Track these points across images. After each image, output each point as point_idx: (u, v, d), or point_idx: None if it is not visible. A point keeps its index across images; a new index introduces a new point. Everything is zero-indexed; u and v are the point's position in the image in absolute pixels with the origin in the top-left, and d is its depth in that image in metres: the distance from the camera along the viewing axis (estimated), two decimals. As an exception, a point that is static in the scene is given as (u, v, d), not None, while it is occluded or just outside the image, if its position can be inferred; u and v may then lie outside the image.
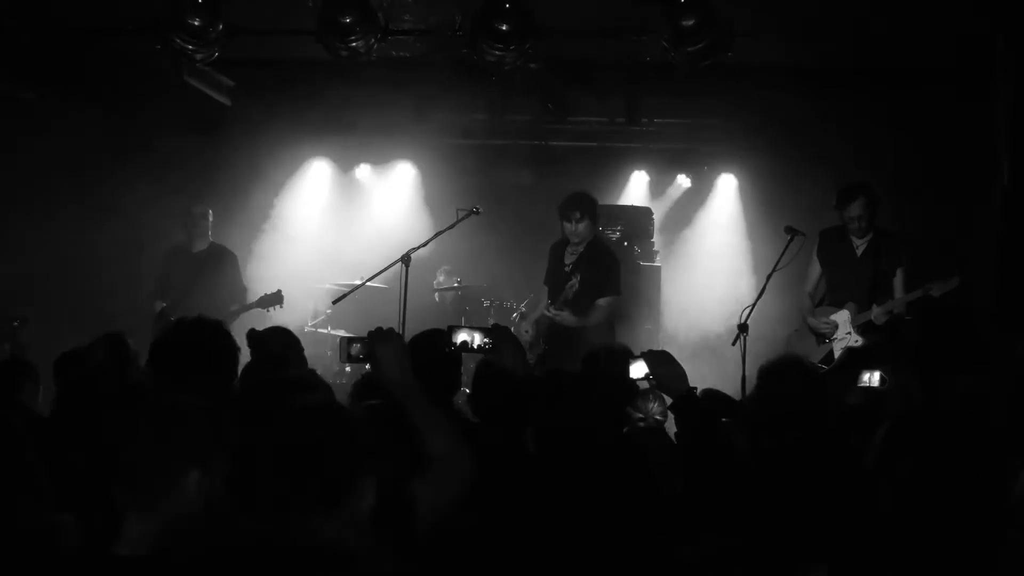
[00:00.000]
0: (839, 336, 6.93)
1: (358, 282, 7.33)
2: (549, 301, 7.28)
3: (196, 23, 6.77)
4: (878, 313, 6.74)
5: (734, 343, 6.28)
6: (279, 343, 4.62)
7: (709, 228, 10.01)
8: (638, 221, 9.26)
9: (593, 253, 7.20)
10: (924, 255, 7.15)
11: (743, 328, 6.26)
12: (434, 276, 9.33)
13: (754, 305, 6.44)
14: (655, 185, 10.20)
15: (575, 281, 7.03)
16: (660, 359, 3.76)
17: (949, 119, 7.84)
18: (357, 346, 3.47)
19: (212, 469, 2.52)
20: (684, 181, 10.18)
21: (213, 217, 8.31)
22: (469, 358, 4.49)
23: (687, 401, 3.63)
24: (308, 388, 3.44)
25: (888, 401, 4.12)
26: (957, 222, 7.83)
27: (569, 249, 7.27)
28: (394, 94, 8.76)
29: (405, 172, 10.39)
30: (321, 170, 10.45)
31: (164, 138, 8.76)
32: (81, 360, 4.56)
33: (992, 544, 2.75)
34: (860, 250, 6.96)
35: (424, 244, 7.07)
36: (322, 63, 7.47)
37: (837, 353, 6.84)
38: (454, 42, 7.15)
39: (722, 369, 7.15)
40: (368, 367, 6.69)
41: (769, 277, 6.57)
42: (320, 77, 8.53)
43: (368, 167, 10.48)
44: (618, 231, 9.06)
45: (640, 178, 10.19)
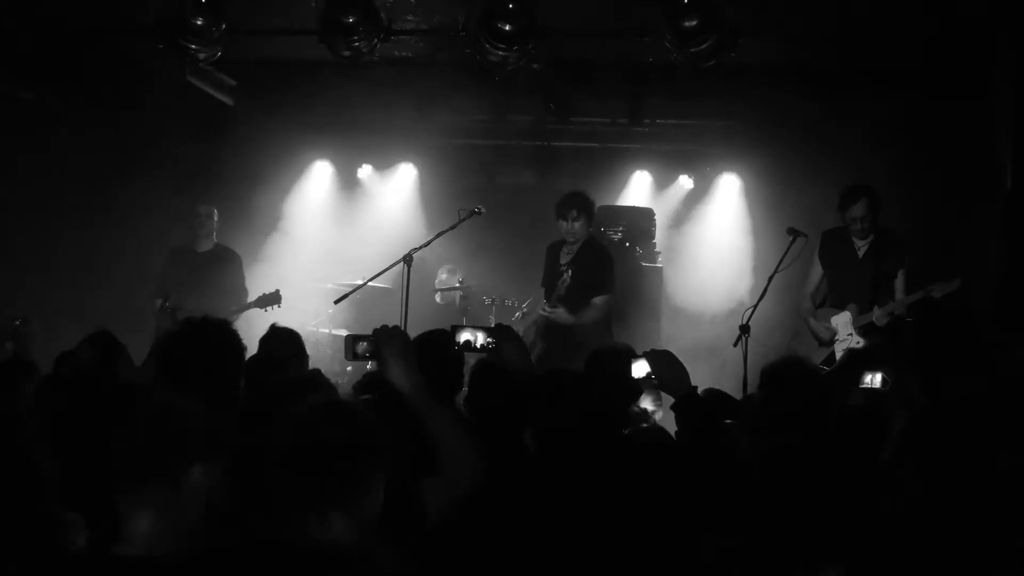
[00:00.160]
0: (841, 337, 6.94)
1: (360, 282, 7.33)
2: (544, 300, 7.35)
3: (199, 22, 6.78)
4: (879, 315, 6.76)
5: (736, 344, 6.27)
6: (288, 344, 4.62)
7: (711, 229, 9.99)
8: (640, 222, 9.25)
9: (588, 252, 7.26)
10: (925, 256, 7.15)
11: (745, 329, 6.25)
12: (436, 276, 9.34)
13: (756, 306, 6.43)
14: (657, 185, 10.19)
15: (567, 276, 7.09)
16: (662, 359, 3.76)
17: (949, 119, 7.84)
18: (363, 345, 3.45)
19: (212, 467, 2.52)
20: (686, 182, 10.17)
21: (218, 217, 8.31)
22: (469, 358, 4.49)
23: (690, 401, 3.63)
24: (314, 387, 3.43)
25: (890, 402, 4.11)
26: (957, 222, 7.82)
27: (565, 249, 7.33)
28: (396, 94, 8.76)
29: (407, 172, 10.39)
30: (323, 170, 10.45)
31: (166, 138, 8.76)
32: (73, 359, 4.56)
33: (1003, 541, 2.75)
34: (862, 251, 6.97)
35: (426, 244, 7.07)
36: (324, 63, 7.48)
37: (839, 354, 6.84)
38: (457, 42, 7.16)
39: (723, 370, 7.14)
40: (370, 366, 6.73)
41: (771, 278, 6.57)
42: (322, 77, 8.53)
43: (370, 167, 10.48)
44: (620, 231, 9.05)
45: (642, 178, 10.18)
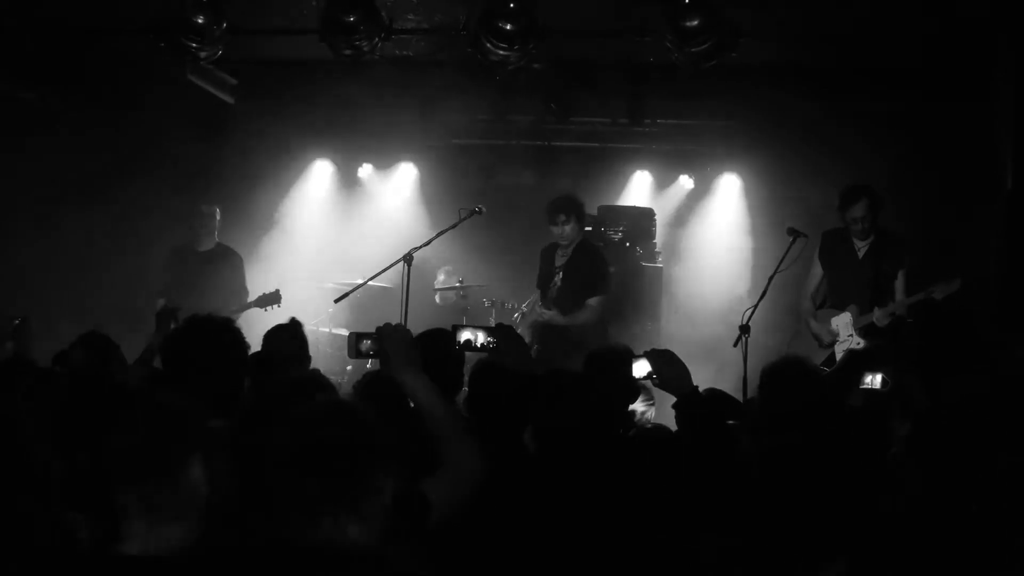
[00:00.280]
0: (841, 338, 6.93)
1: (360, 281, 7.33)
2: (539, 302, 7.41)
3: (199, 21, 6.78)
4: (880, 315, 6.75)
5: (736, 344, 6.26)
6: (289, 344, 4.62)
7: (711, 229, 9.99)
8: (640, 222, 9.26)
9: (581, 254, 7.31)
10: (925, 256, 7.15)
11: (745, 329, 6.24)
12: (435, 276, 9.33)
13: (756, 306, 6.42)
14: (657, 185, 10.18)
15: (557, 279, 7.18)
16: (663, 358, 3.76)
17: (949, 119, 7.83)
18: (367, 343, 3.43)
19: (212, 466, 2.53)
20: (686, 182, 10.16)
21: (220, 216, 8.30)
22: (471, 357, 4.49)
23: (691, 400, 3.62)
24: (313, 388, 3.42)
25: (890, 403, 4.11)
26: (957, 222, 7.82)
27: (559, 252, 7.39)
28: (397, 94, 8.76)
29: (408, 172, 10.38)
30: (324, 169, 10.43)
31: (166, 137, 8.73)
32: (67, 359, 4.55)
33: (1003, 541, 2.75)
34: (862, 252, 6.96)
35: (426, 243, 7.07)
36: (325, 62, 7.49)
37: (839, 355, 6.84)
38: (458, 42, 7.15)
39: (722, 370, 7.14)
40: (369, 365, 6.73)
41: (771, 278, 6.56)
42: (323, 76, 8.53)
43: (371, 167, 10.47)
44: (620, 231, 9.06)
45: (642, 178, 10.17)
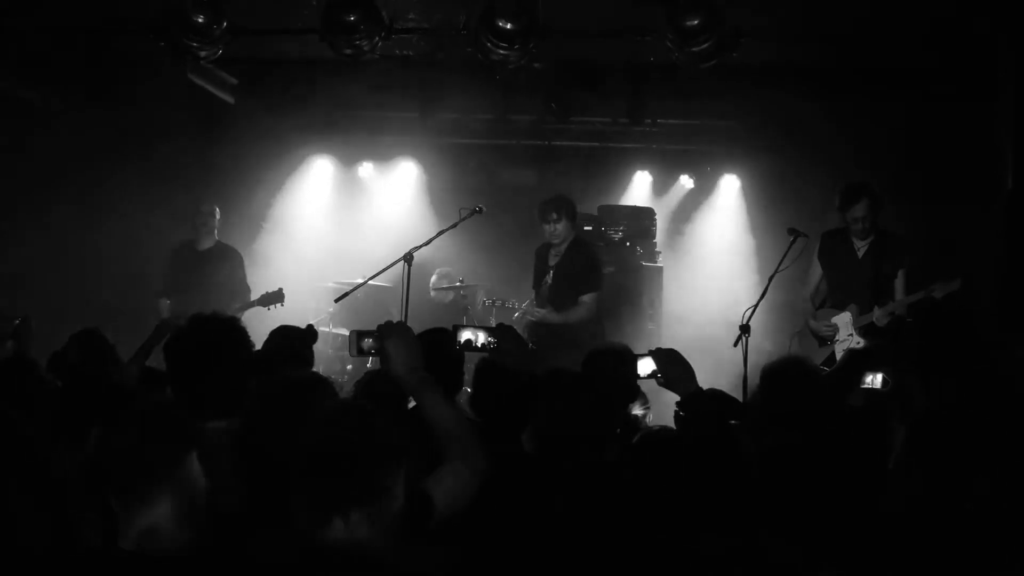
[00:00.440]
0: (841, 338, 6.93)
1: (360, 280, 7.32)
2: (534, 302, 7.50)
3: (200, 20, 6.77)
4: (879, 315, 6.75)
5: (736, 344, 6.25)
6: (291, 344, 4.63)
7: (712, 229, 10.01)
8: (641, 221, 9.27)
9: (574, 252, 7.40)
10: (925, 256, 7.14)
11: (745, 329, 6.24)
12: (431, 277, 9.35)
13: (756, 306, 6.40)
14: (658, 185, 10.20)
15: (548, 278, 7.31)
16: (668, 358, 3.74)
17: (949, 119, 7.83)
18: (369, 341, 3.41)
19: (212, 466, 2.55)
20: (687, 181, 10.18)
21: (220, 215, 8.30)
22: (472, 357, 4.49)
23: (695, 400, 3.61)
24: (318, 388, 3.40)
25: (891, 403, 4.11)
26: (958, 223, 7.81)
27: (552, 251, 7.48)
28: (398, 92, 8.76)
29: (408, 170, 10.39)
30: (324, 168, 10.45)
31: (167, 136, 8.74)
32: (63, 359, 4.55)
33: (1003, 542, 2.75)
34: (861, 252, 6.96)
35: (427, 243, 7.05)
36: (326, 61, 7.48)
37: (839, 355, 6.84)
38: (458, 41, 7.14)
39: (719, 369, 7.14)
40: (370, 364, 6.72)
41: (771, 278, 6.55)
42: (324, 75, 8.53)
43: (371, 165, 10.48)
44: (620, 231, 9.07)
45: (643, 178, 10.19)
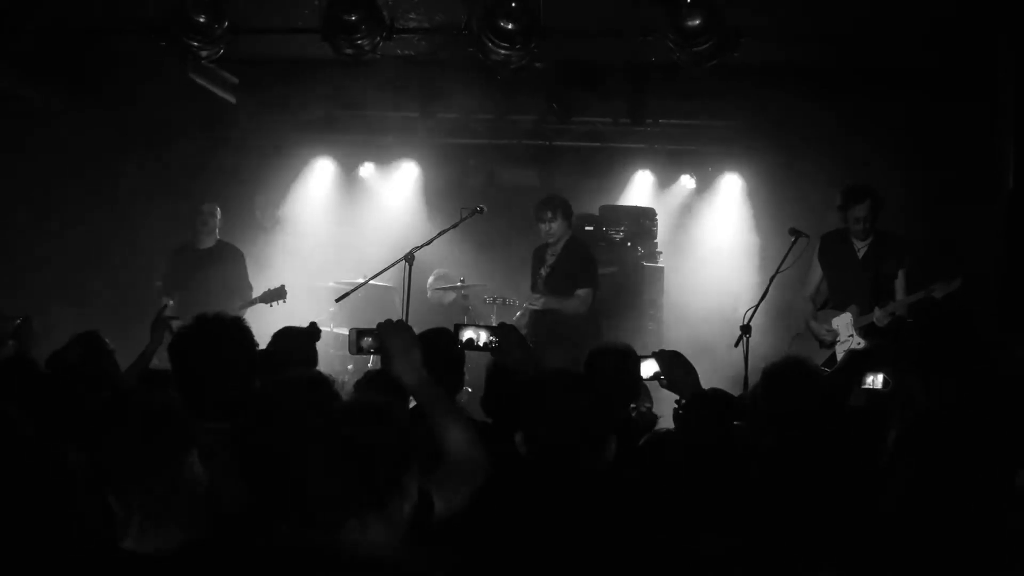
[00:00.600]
0: (842, 339, 6.93)
1: (361, 280, 7.33)
2: (536, 297, 7.59)
3: (201, 20, 6.78)
4: (880, 315, 6.75)
5: (737, 344, 6.26)
6: (293, 345, 4.64)
7: (713, 228, 10.01)
8: (642, 221, 9.28)
9: (570, 250, 7.51)
10: (925, 256, 7.14)
11: (746, 329, 6.24)
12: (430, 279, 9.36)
13: (757, 306, 6.41)
14: (659, 185, 10.20)
15: (542, 271, 7.52)
16: (671, 360, 3.74)
17: (949, 119, 7.82)
18: (368, 339, 3.42)
19: (213, 466, 2.57)
20: (688, 181, 10.18)
21: (221, 215, 8.30)
22: (472, 357, 4.48)
23: (699, 401, 3.59)
24: (319, 387, 3.39)
25: (891, 403, 4.10)
26: (958, 223, 7.81)
27: (549, 250, 7.58)
28: (399, 93, 8.77)
29: (409, 171, 10.40)
30: (325, 168, 10.45)
31: (168, 136, 8.75)
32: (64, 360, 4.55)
33: (997, 543, 2.74)
34: (861, 252, 6.96)
35: (428, 243, 7.07)
36: (327, 61, 7.48)
37: (840, 356, 6.83)
38: (459, 41, 7.15)
39: (723, 370, 7.14)
40: (371, 363, 6.72)
41: (772, 279, 6.56)
42: (325, 75, 8.53)
43: (372, 166, 10.48)
44: (622, 231, 9.08)
45: (644, 178, 10.19)
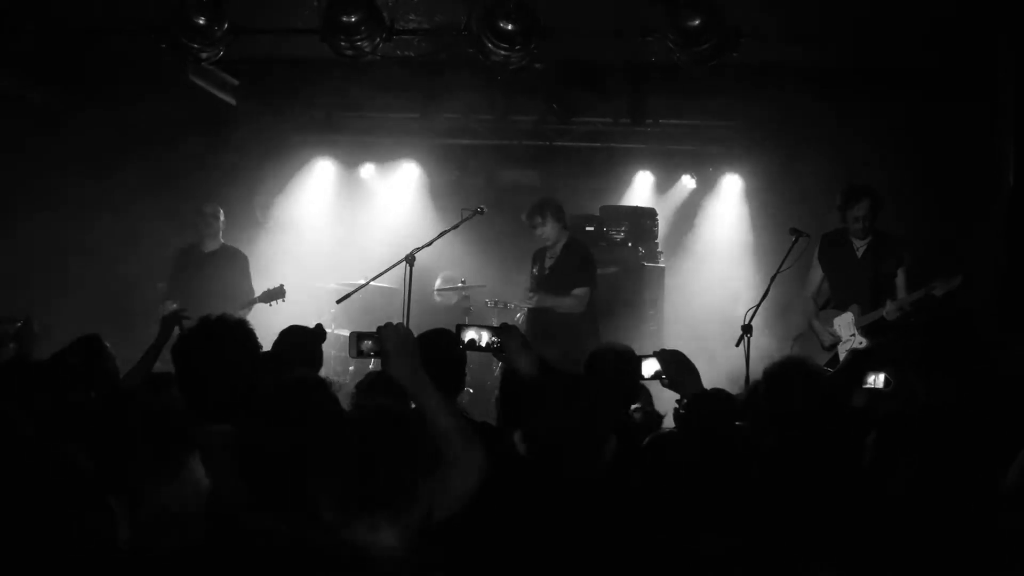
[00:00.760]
0: (843, 339, 6.92)
1: (362, 281, 7.32)
2: (530, 295, 7.66)
3: (201, 22, 6.78)
4: (891, 309, 6.71)
5: (738, 344, 6.26)
6: (295, 346, 4.64)
7: (713, 228, 10.01)
8: (642, 222, 9.28)
9: (568, 251, 7.59)
10: (925, 255, 7.13)
11: (747, 329, 6.24)
12: (435, 279, 9.35)
13: (758, 306, 6.41)
14: (660, 186, 10.20)
15: (535, 270, 7.64)
16: (673, 359, 3.72)
17: (949, 119, 7.82)
18: (368, 343, 3.42)
19: (215, 467, 2.62)
20: (689, 182, 10.18)
21: (224, 217, 8.28)
22: (473, 358, 4.48)
23: (700, 402, 3.58)
24: (315, 389, 3.39)
25: (892, 402, 4.10)
26: (958, 222, 7.81)
27: (548, 252, 7.66)
28: (399, 94, 8.77)
29: (409, 172, 10.40)
30: (325, 169, 10.46)
31: (168, 137, 8.74)
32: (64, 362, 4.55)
33: (989, 539, 2.74)
34: (860, 252, 6.96)
35: (428, 244, 7.06)
36: (327, 62, 7.48)
37: (841, 355, 6.82)
38: (459, 41, 7.15)
39: (724, 370, 7.13)
40: (372, 365, 6.72)
41: (773, 278, 6.56)
42: (325, 76, 8.53)
43: (372, 166, 10.48)
44: (622, 231, 9.09)
45: (645, 178, 10.19)
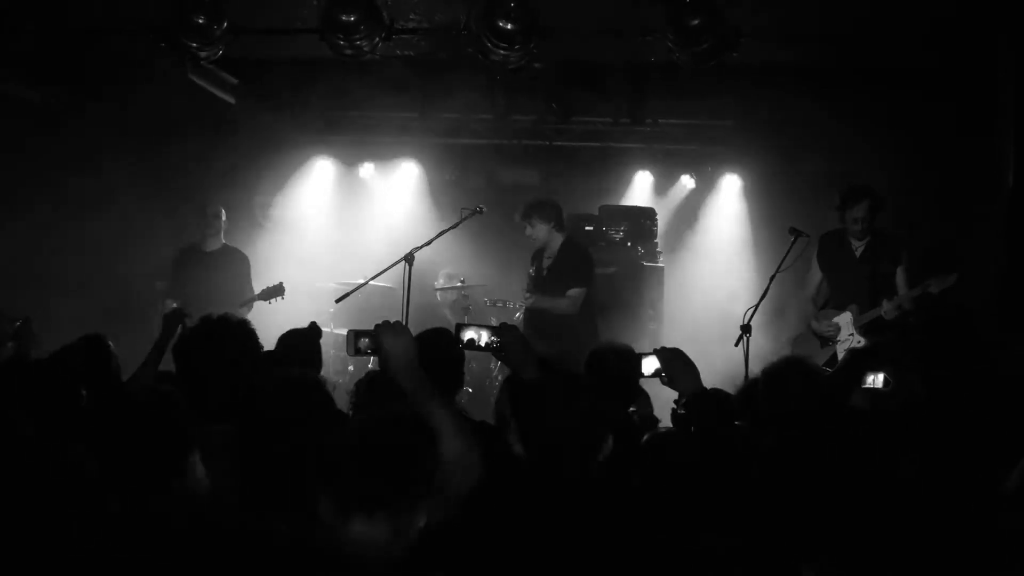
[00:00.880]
0: (842, 338, 6.93)
1: (361, 281, 7.32)
2: (527, 296, 7.71)
3: (200, 21, 6.78)
4: (888, 308, 6.72)
5: (737, 344, 6.26)
6: (296, 347, 4.65)
7: (713, 228, 10.01)
8: (642, 221, 9.28)
9: (565, 251, 7.62)
10: (925, 255, 7.14)
11: (746, 329, 6.24)
12: (435, 278, 9.35)
13: (757, 306, 6.42)
14: (659, 185, 10.20)
15: (532, 270, 7.67)
16: (672, 357, 3.71)
17: (949, 119, 7.81)
18: (365, 340, 3.43)
19: (214, 466, 2.68)
20: (688, 181, 10.18)
21: (226, 217, 8.26)
22: (472, 357, 4.48)
23: (699, 400, 3.57)
24: (310, 388, 3.39)
25: (891, 401, 4.10)
26: (958, 222, 7.81)
27: (546, 253, 7.67)
28: (398, 93, 8.76)
29: (409, 171, 10.40)
30: (325, 168, 10.45)
31: (167, 136, 8.75)
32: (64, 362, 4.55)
33: (989, 539, 2.74)
34: (859, 252, 6.97)
35: (427, 243, 7.06)
36: (326, 61, 7.48)
37: (840, 355, 6.83)
38: (458, 41, 7.15)
39: (723, 369, 7.13)
40: (371, 364, 6.72)
41: (772, 278, 6.56)
42: (324, 75, 8.54)
43: (372, 165, 10.48)
44: (622, 231, 9.09)
45: (644, 178, 10.19)
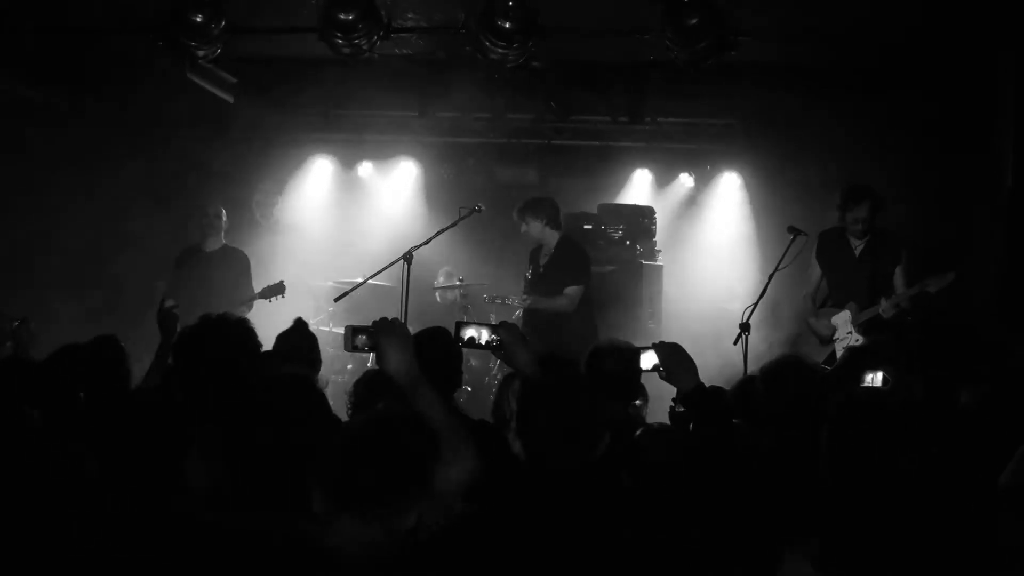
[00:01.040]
0: (840, 336, 6.93)
1: (360, 280, 7.32)
2: (524, 296, 7.72)
3: (198, 20, 6.78)
4: (886, 306, 6.73)
5: (736, 342, 6.27)
6: (296, 347, 4.66)
7: (712, 227, 10.00)
8: (640, 220, 9.27)
9: (562, 250, 7.64)
10: (925, 255, 7.14)
11: (745, 327, 6.25)
12: (435, 276, 9.34)
13: (756, 304, 6.43)
14: (658, 184, 10.19)
15: (529, 272, 7.69)
16: (671, 351, 3.70)
17: (949, 119, 7.81)
18: (363, 337, 3.46)
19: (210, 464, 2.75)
20: (687, 180, 10.17)
21: (227, 217, 8.25)
22: (471, 356, 4.48)
23: (698, 396, 3.56)
24: (304, 387, 3.38)
25: (890, 399, 4.10)
26: (958, 222, 7.81)
27: (543, 251, 7.71)
28: (397, 92, 8.76)
29: (407, 170, 10.39)
30: (323, 167, 10.44)
31: (166, 135, 8.74)
32: (74, 359, 4.54)
33: (989, 539, 2.75)
34: (859, 250, 6.98)
35: (426, 242, 7.07)
36: (325, 60, 7.48)
37: (839, 353, 6.83)
38: (457, 40, 7.15)
39: (722, 368, 7.13)
40: (370, 363, 6.72)
41: (771, 277, 6.57)
42: (323, 74, 8.53)
43: (370, 164, 10.47)
44: (620, 230, 9.08)
45: (643, 177, 10.18)
